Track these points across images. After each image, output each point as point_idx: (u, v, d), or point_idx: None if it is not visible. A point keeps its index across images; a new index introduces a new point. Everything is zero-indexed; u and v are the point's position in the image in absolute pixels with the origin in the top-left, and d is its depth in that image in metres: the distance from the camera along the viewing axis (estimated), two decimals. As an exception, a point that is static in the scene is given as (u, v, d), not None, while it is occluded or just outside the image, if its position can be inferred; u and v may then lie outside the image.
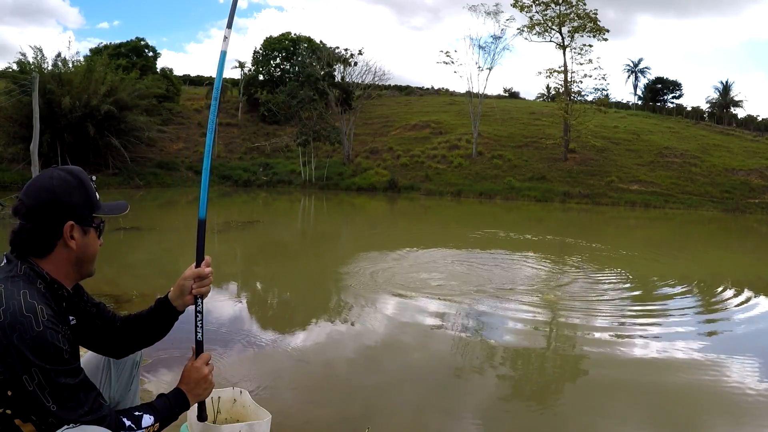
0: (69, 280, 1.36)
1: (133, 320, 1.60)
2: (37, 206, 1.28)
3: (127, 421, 1.31)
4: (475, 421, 3.07)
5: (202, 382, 1.55)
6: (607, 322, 5.27)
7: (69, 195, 1.31)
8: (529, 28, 34.84)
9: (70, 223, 1.31)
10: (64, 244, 1.32)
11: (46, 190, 1.29)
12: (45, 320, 1.16)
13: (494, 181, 31.06)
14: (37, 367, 1.13)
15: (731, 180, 29.35)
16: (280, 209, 21.75)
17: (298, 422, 2.91)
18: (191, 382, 1.54)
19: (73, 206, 1.32)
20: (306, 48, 41.16)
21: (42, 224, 1.28)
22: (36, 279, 1.26)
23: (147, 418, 1.36)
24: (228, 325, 4.74)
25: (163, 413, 1.43)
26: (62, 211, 1.30)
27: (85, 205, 1.34)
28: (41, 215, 1.28)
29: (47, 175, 1.33)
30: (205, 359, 1.58)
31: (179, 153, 35.14)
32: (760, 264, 11.07)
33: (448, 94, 53.60)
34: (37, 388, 1.13)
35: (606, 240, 14.38)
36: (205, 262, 1.59)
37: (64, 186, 1.31)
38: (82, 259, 1.37)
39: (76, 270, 1.38)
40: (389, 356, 4.04)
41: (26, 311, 1.15)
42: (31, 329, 1.14)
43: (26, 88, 21.94)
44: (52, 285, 1.29)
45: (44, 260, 1.30)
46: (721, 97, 48.87)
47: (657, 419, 3.19)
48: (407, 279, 7.01)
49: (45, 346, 1.14)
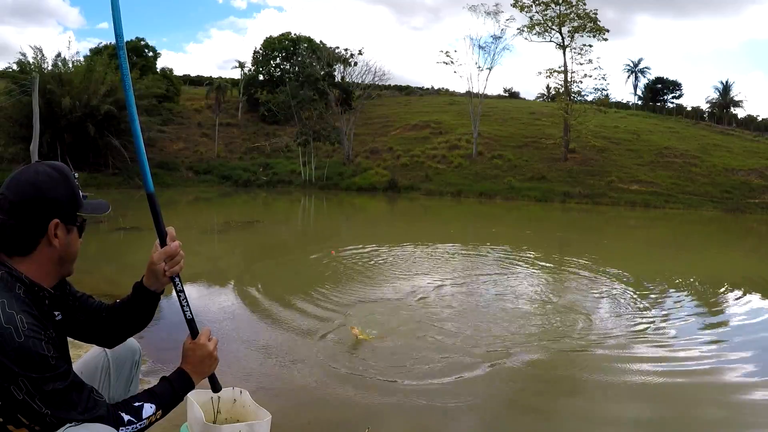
0: (50, 279, 1.31)
1: (117, 309, 1.54)
2: (22, 202, 1.22)
3: (125, 416, 1.27)
4: (475, 422, 3.07)
5: (207, 359, 1.50)
6: (607, 322, 5.27)
7: (55, 191, 1.25)
8: (529, 28, 34.86)
9: (55, 221, 1.25)
10: (48, 243, 1.26)
11: (31, 185, 1.24)
12: (26, 329, 1.13)
13: (494, 181, 31.05)
14: (24, 376, 1.11)
15: (731, 180, 29.35)
16: (280, 209, 21.76)
17: (298, 422, 2.91)
18: (195, 361, 1.48)
19: (59, 203, 1.26)
20: (306, 48, 41.17)
21: (26, 221, 1.23)
22: (14, 284, 1.20)
23: (148, 408, 1.32)
24: (228, 325, 4.74)
25: (166, 398, 1.38)
26: (48, 208, 1.24)
27: (70, 202, 1.29)
28: (25, 212, 1.22)
29: (32, 170, 1.27)
30: (207, 334, 1.53)
31: (179, 153, 35.14)
32: (760, 264, 11.07)
33: (448, 94, 53.59)
34: (27, 397, 1.11)
35: (603, 240, 14.38)
36: (170, 236, 1.45)
37: (50, 182, 1.25)
38: (65, 258, 1.32)
39: (57, 269, 1.33)
40: (390, 356, 4.04)
41: (5, 323, 1.11)
42: (12, 341, 1.10)
43: (26, 88, 21.95)
44: (32, 288, 1.24)
45: (25, 259, 1.25)
46: (721, 97, 48.88)
47: (658, 420, 3.19)
48: (412, 283, 7.01)
49: (28, 356, 1.11)
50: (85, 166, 28.43)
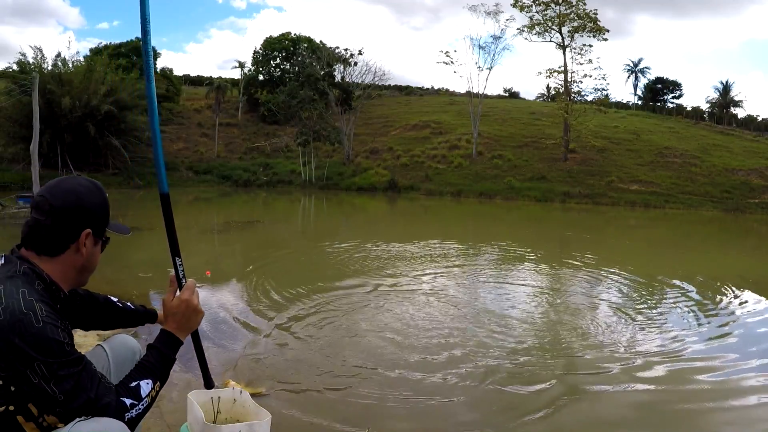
0: (67, 284, 1.38)
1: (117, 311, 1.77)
2: (63, 207, 1.31)
3: (127, 400, 1.28)
4: (476, 422, 3.07)
5: (193, 314, 1.52)
6: (607, 323, 5.27)
7: (92, 203, 1.36)
8: (529, 28, 34.90)
9: (87, 230, 1.35)
10: (76, 249, 1.34)
11: (74, 193, 1.33)
12: (44, 316, 1.18)
13: (494, 181, 31.07)
14: (40, 361, 1.15)
15: (731, 180, 29.36)
16: (281, 209, 21.77)
17: (298, 422, 2.90)
18: (181, 318, 1.50)
19: (94, 215, 1.37)
20: (306, 48, 41.20)
21: (62, 225, 1.31)
22: (35, 280, 1.26)
23: (145, 385, 1.33)
24: (227, 325, 4.73)
25: (159, 367, 1.39)
26: (84, 217, 1.34)
27: (103, 217, 1.40)
28: (63, 216, 1.31)
29: (74, 180, 1.38)
30: (191, 287, 1.56)
31: (179, 153, 35.17)
32: (761, 264, 11.07)
33: (448, 94, 53.66)
34: (42, 381, 1.15)
35: (605, 240, 14.38)
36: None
37: (89, 194, 1.36)
38: (86, 267, 1.40)
39: (77, 277, 1.40)
40: (390, 356, 4.04)
41: (25, 309, 1.16)
42: (31, 326, 1.15)
43: (26, 88, 21.95)
44: (50, 287, 1.30)
45: (51, 260, 1.32)
46: (721, 97, 48.93)
47: (658, 421, 3.19)
48: (410, 280, 7.02)
49: (46, 342, 1.16)
50: (85, 166, 28.46)
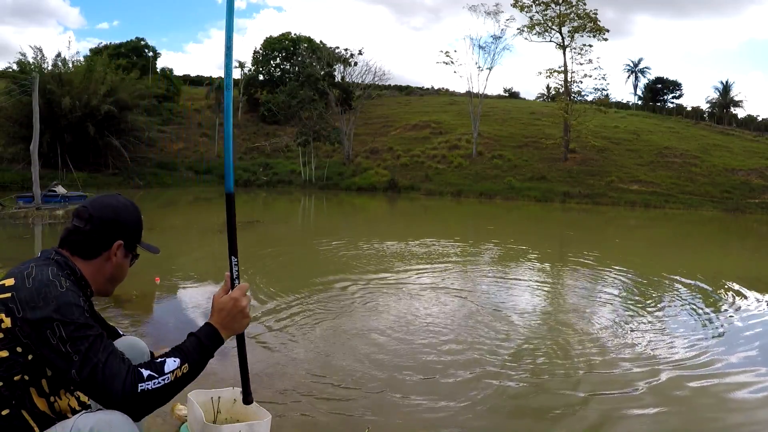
0: (94, 286, 1.47)
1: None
2: (101, 218, 1.45)
3: (145, 371, 1.26)
4: (476, 423, 3.07)
5: (240, 315, 1.46)
6: (606, 323, 5.27)
7: (127, 219, 1.51)
8: (529, 28, 34.91)
9: (120, 242, 1.48)
10: (107, 257, 1.47)
11: (113, 208, 1.49)
12: (69, 285, 1.31)
13: (494, 181, 31.08)
14: (59, 321, 1.24)
15: (731, 180, 29.37)
16: (281, 209, 21.76)
17: (298, 422, 2.91)
18: (226, 315, 1.45)
19: (128, 229, 1.51)
20: (306, 48, 41.20)
21: (98, 232, 1.45)
22: (65, 268, 1.37)
23: (171, 362, 1.31)
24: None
25: (192, 353, 1.35)
26: (118, 229, 1.48)
27: (135, 233, 1.54)
28: (101, 225, 1.45)
29: (115, 197, 1.53)
30: (244, 290, 1.50)
31: (179, 153, 35.15)
32: (761, 264, 11.07)
33: (448, 94, 53.67)
34: (59, 343, 1.23)
35: (605, 240, 14.37)
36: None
37: (126, 211, 1.51)
38: (114, 276, 1.51)
39: (104, 284, 1.50)
40: (390, 356, 4.04)
41: (52, 277, 1.30)
42: (55, 290, 1.27)
43: (26, 88, 21.94)
44: (80, 281, 1.40)
45: (84, 262, 1.44)
46: (721, 97, 48.91)
47: (658, 422, 3.19)
48: (410, 287, 7.01)
49: (67, 304, 1.26)
50: (85, 166, 28.45)
